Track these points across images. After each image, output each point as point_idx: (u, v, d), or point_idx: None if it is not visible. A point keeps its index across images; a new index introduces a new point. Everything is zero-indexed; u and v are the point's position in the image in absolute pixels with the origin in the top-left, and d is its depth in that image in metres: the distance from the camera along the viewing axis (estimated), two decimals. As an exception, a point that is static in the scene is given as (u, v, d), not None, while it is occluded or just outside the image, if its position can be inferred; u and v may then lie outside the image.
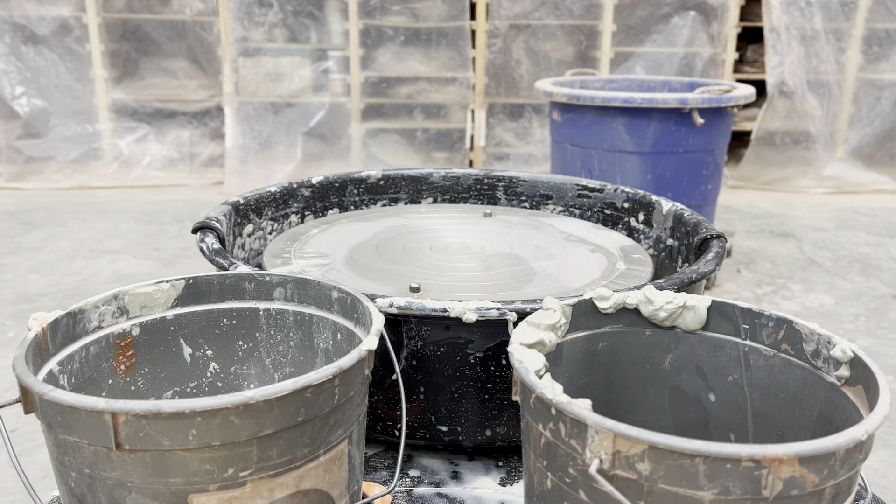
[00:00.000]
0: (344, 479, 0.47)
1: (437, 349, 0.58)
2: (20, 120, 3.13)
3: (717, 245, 0.70)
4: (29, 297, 2.05)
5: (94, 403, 0.38)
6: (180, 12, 3.19)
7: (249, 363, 0.57)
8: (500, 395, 0.60)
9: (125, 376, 0.53)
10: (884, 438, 1.48)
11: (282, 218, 0.90)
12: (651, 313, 0.51)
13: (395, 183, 0.99)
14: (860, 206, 3.11)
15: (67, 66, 3.14)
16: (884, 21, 3.20)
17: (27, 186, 3.13)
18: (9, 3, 3.02)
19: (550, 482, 0.41)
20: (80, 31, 3.11)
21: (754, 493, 0.35)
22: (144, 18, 3.19)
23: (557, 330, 0.49)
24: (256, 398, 0.39)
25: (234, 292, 0.56)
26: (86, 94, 3.17)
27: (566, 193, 0.97)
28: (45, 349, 0.46)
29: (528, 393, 0.41)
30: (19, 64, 3.09)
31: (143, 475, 0.39)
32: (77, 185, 3.16)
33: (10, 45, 3.06)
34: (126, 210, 2.88)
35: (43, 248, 2.45)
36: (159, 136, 3.29)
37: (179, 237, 2.57)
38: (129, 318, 0.53)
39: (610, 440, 0.36)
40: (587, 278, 0.73)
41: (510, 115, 3.37)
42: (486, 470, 0.62)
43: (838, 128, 3.31)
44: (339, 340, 0.54)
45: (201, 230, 0.71)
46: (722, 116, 2.04)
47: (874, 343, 1.88)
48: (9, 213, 2.80)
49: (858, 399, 0.43)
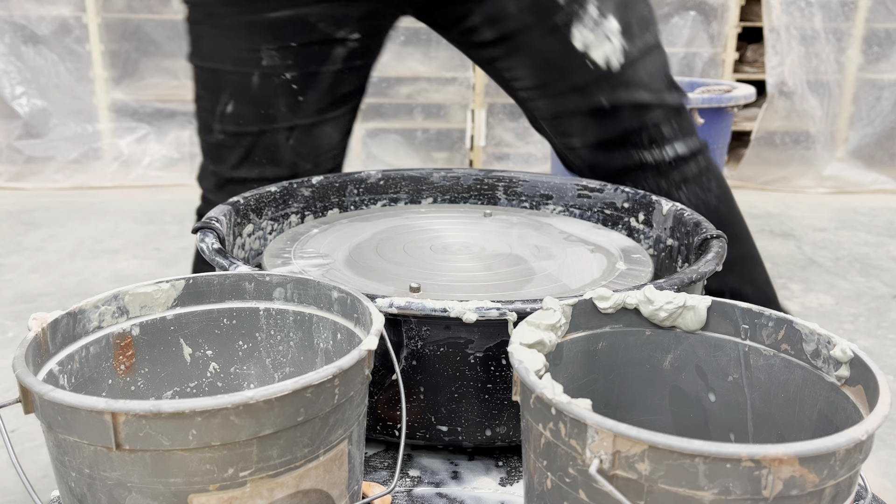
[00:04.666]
0: (344, 479, 0.47)
1: (437, 349, 0.58)
2: (20, 120, 3.13)
3: (718, 245, 0.70)
4: (29, 297, 2.05)
5: (94, 403, 0.38)
6: (180, 12, 3.19)
7: (249, 363, 0.57)
8: (500, 395, 0.60)
9: (125, 376, 0.53)
10: (884, 438, 1.48)
11: (282, 218, 0.90)
12: (651, 313, 0.51)
13: (395, 183, 0.99)
14: (860, 206, 3.11)
15: (67, 66, 3.13)
16: (884, 21, 3.20)
17: (27, 186, 3.13)
18: (9, 3, 3.02)
19: (550, 482, 0.41)
20: (80, 31, 3.11)
21: (754, 493, 0.35)
22: (144, 18, 3.19)
23: (557, 330, 0.49)
24: (256, 398, 0.39)
25: (234, 292, 0.56)
26: (86, 94, 3.17)
27: (566, 193, 0.97)
28: (45, 349, 0.46)
29: (528, 393, 0.41)
30: (19, 64, 3.09)
31: (143, 475, 0.39)
32: (77, 185, 3.16)
33: (10, 45, 3.06)
34: (126, 210, 2.88)
35: (43, 248, 2.45)
36: (159, 136, 3.29)
37: (179, 237, 2.57)
38: (129, 318, 0.53)
39: (610, 440, 0.36)
40: (587, 278, 0.73)
41: (510, 115, 3.37)
42: (486, 470, 0.62)
43: (838, 128, 3.31)
44: (339, 340, 0.54)
45: (201, 230, 0.71)
46: (722, 116, 2.04)
47: (874, 343, 1.88)
48: (9, 213, 2.80)
49: (858, 399, 0.43)
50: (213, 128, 1.03)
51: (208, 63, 1.01)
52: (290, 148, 1.02)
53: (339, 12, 0.97)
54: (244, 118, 1.00)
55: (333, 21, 0.98)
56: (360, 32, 1.00)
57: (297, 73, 0.99)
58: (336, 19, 0.98)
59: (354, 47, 1.01)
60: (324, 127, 1.04)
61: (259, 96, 0.99)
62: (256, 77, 0.98)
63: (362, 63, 1.05)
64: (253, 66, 0.97)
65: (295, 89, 0.99)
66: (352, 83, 1.05)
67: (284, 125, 1.01)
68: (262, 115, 1.00)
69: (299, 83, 0.99)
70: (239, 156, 1.03)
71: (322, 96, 1.01)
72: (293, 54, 0.98)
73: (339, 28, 0.98)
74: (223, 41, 0.99)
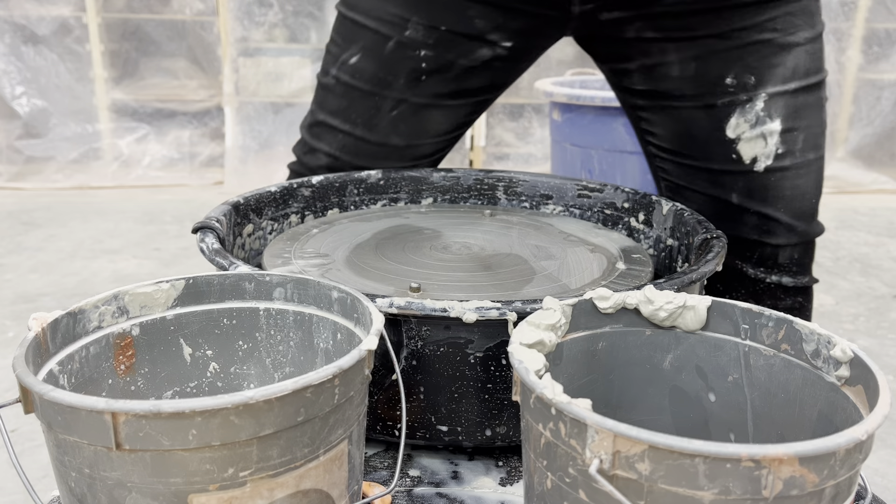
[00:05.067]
0: (344, 479, 0.47)
1: (437, 349, 0.58)
2: (20, 120, 3.13)
3: (718, 245, 0.70)
4: (29, 297, 2.05)
5: (94, 403, 0.38)
6: (180, 12, 3.20)
7: (249, 363, 0.57)
8: (500, 395, 0.60)
9: (125, 376, 0.53)
10: (884, 438, 1.48)
11: (282, 218, 0.90)
12: (651, 313, 0.51)
13: (395, 183, 0.99)
14: (860, 206, 3.11)
15: (67, 66, 3.14)
16: (884, 21, 3.20)
17: (27, 186, 3.13)
18: (9, 3, 3.02)
19: (550, 482, 0.41)
20: (80, 31, 3.11)
21: (754, 493, 0.35)
22: (144, 18, 3.19)
23: (557, 330, 0.49)
24: (256, 398, 0.39)
25: (234, 292, 0.56)
26: (86, 94, 3.17)
27: (566, 193, 0.97)
28: (45, 349, 0.46)
29: (528, 393, 0.41)
30: (19, 64, 3.09)
31: (143, 475, 0.39)
32: (77, 185, 3.16)
33: (10, 45, 3.06)
34: (126, 210, 2.88)
35: (43, 248, 2.45)
36: (159, 136, 3.29)
37: (179, 237, 2.57)
38: (129, 318, 0.53)
39: (610, 440, 0.36)
40: (587, 278, 0.73)
41: (510, 115, 3.37)
42: (486, 470, 0.62)
43: (838, 128, 3.31)
44: (339, 340, 0.54)
45: (201, 230, 0.71)
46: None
47: (874, 343, 1.88)
48: (9, 213, 2.80)
49: (858, 399, 0.43)
50: (329, 71, 1.01)
51: (354, 14, 0.99)
52: (390, 118, 1.00)
53: (501, 17, 0.94)
54: (361, 73, 0.98)
55: (492, 22, 0.95)
56: (514, 42, 0.97)
57: (433, 54, 0.96)
58: (495, 22, 0.95)
59: (502, 54, 0.98)
60: (434, 112, 1.01)
61: (386, 60, 0.97)
62: (393, 43, 0.96)
63: (503, 69, 1.01)
64: (396, 31, 0.96)
65: (423, 68, 0.97)
66: (482, 82, 1.01)
67: (395, 96, 0.99)
68: (379, 79, 0.98)
69: (430, 63, 0.97)
70: (339, 105, 1.01)
71: (445, 83, 0.99)
72: (437, 35, 0.95)
73: (494, 31, 0.96)
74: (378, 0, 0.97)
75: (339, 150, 1.02)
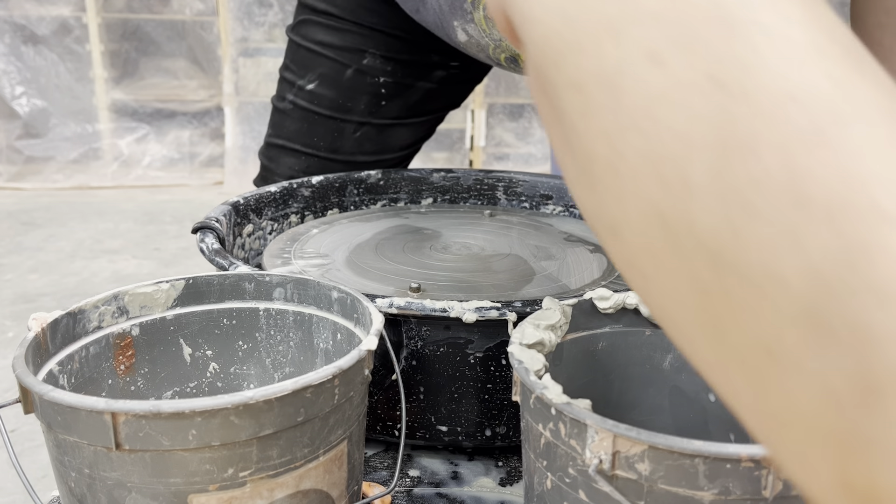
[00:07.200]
0: (344, 480, 0.47)
1: (437, 349, 0.58)
2: (20, 120, 3.13)
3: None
4: (29, 297, 2.05)
5: (94, 403, 0.38)
6: (180, 12, 3.20)
7: (249, 363, 0.57)
8: (500, 395, 0.60)
9: (125, 376, 0.53)
10: (884, 438, 1.48)
11: (282, 218, 0.90)
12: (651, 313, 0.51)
13: (395, 183, 0.99)
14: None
15: (67, 66, 3.14)
16: (884, 21, 3.20)
17: (27, 186, 3.13)
18: (9, 3, 3.02)
19: (550, 482, 0.41)
20: (80, 31, 3.11)
21: (754, 493, 0.35)
22: (144, 18, 3.19)
23: (557, 330, 0.49)
24: (256, 398, 0.39)
25: (234, 292, 0.56)
26: (86, 94, 3.17)
27: (566, 193, 0.97)
28: (44, 349, 0.46)
29: (527, 393, 0.41)
30: (19, 64, 3.09)
31: (143, 475, 0.39)
32: (77, 185, 3.16)
33: (10, 45, 3.06)
34: (126, 210, 2.88)
35: (43, 248, 2.45)
36: (159, 136, 3.29)
37: (179, 237, 2.57)
38: (129, 318, 0.53)
39: (610, 440, 0.36)
40: (587, 278, 0.73)
41: (510, 115, 3.37)
42: (486, 470, 0.62)
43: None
44: (339, 340, 0.54)
45: (201, 230, 0.71)
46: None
47: (874, 343, 1.88)
48: (9, 213, 2.80)
49: (858, 399, 0.43)
50: (285, 97, 1.02)
51: (308, 44, 1.00)
52: (354, 139, 1.01)
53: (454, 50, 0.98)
54: (320, 100, 0.99)
55: (444, 48, 0.98)
56: (462, 61, 1.01)
57: (392, 81, 0.99)
58: (447, 48, 0.97)
59: (454, 73, 1.02)
60: (397, 129, 1.03)
61: (345, 87, 0.98)
62: (351, 71, 0.98)
63: (459, 84, 1.05)
64: (353, 61, 0.97)
65: (383, 93, 0.99)
66: (442, 100, 1.04)
67: (357, 119, 1.00)
68: (339, 105, 0.99)
69: (389, 89, 0.99)
70: (298, 129, 1.01)
71: (406, 106, 1.01)
72: (395, 63, 0.98)
73: (446, 55, 0.99)
74: (334, 32, 0.98)
75: (304, 173, 1.02)
